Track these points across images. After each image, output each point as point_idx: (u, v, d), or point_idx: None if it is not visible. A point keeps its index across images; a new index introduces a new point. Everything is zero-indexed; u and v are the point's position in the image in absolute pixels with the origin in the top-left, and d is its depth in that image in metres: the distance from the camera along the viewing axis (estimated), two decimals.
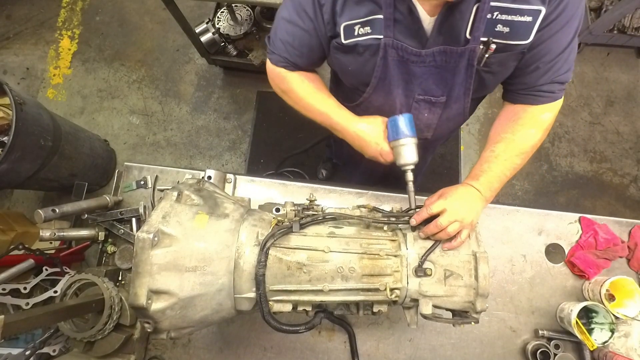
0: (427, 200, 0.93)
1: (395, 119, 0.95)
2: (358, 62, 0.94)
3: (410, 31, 0.86)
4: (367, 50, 0.91)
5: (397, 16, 0.84)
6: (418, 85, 0.98)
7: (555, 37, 0.85)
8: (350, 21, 0.87)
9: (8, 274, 1.14)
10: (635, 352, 1.15)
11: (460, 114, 1.10)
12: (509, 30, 0.82)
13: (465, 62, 0.89)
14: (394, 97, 1.02)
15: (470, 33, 0.83)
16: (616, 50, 2.87)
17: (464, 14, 0.81)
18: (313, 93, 1.05)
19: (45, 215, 1.05)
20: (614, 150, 2.71)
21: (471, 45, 0.85)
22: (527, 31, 0.82)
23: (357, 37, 0.88)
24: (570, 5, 0.81)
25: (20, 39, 2.83)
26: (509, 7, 0.79)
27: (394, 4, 0.83)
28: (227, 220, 0.87)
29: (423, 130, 1.13)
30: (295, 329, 0.86)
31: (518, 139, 0.94)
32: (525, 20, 0.80)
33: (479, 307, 0.86)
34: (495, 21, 0.81)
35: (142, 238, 0.74)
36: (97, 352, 1.03)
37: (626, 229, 1.32)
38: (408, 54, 0.89)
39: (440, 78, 0.95)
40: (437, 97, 1.00)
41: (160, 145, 2.65)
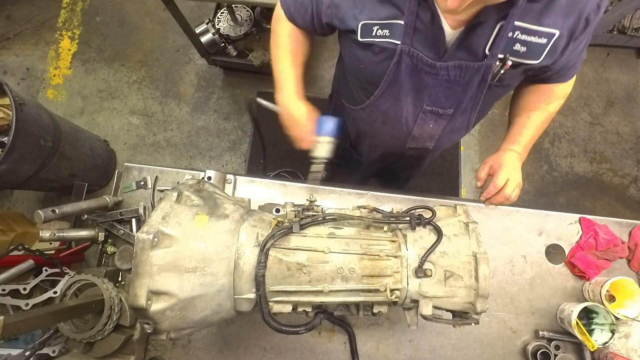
0: (479, 172, 1.04)
1: (327, 119, 1.07)
2: (372, 61, 0.94)
3: (428, 41, 0.85)
4: (382, 52, 0.90)
5: (418, 24, 0.83)
6: (427, 96, 0.97)
7: (579, 47, 0.91)
8: (369, 20, 0.86)
9: (8, 275, 1.14)
10: (635, 352, 1.15)
11: (464, 127, 1.12)
12: (525, 50, 0.83)
13: (479, 77, 0.89)
14: (402, 105, 1.01)
15: (489, 49, 0.83)
16: (616, 51, 2.87)
17: (487, 30, 0.81)
18: (286, 50, 1.06)
19: (45, 216, 1.05)
20: (614, 151, 2.71)
21: (488, 61, 0.85)
22: (539, 52, 0.84)
23: (374, 37, 0.87)
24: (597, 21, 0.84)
25: (21, 39, 2.83)
26: (529, 28, 0.80)
27: (417, 12, 0.82)
28: (227, 221, 0.87)
29: (426, 140, 1.13)
30: (295, 330, 0.86)
31: (551, 108, 1.06)
32: (541, 42, 0.81)
33: (479, 308, 0.86)
34: (515, 40, 0.82)
35: (142, 239, 0.74)
36: (96, 352, 1.03)
37: (626, 230, 1.31)
38: (422, 64, 0.88)
39: (451, 91, 0.95)
40: (445, 109, 1.00)
41: (160, 146, 2.64)
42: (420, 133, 1.09)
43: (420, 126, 1.05)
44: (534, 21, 0.80)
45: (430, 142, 1.15)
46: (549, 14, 0.79)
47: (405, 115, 1.04)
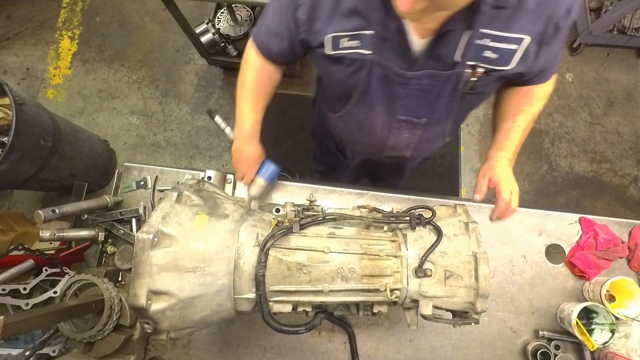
0: (479, 187, 1.00)
1: (270, 165, 1.20)
2: (343, 73, 0.93)
3: (398, 51, 0.84)
4: (353, 63, 0.89)
5: (386, 34, 0.82)
6: (401, 106, 0.97)
7: (554, 51, 0.90)
8: (337, 33, 0.85)
9: (8, 275, 1.14)
10: (635, 352, 1.15)
11: (441, 135, 1.11)
12: (495, 57, 0.82)
13: (451, 85, 0.88)
14: (375, 114, 1.01)
15: (458, 57, 0.83)
16: (616, 51, 2.87)
17: (455, 39, 0.80)
18: (250, 92, 1.08)
19: (45, 216, 1.05)
20: (614, 151, 2.71)
21: (458, 69, 0.84)
22: (511, 58, 0.83)
23: (343, 49, 0.86)
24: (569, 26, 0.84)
25: (21, 39, 2.83)
26: (498, 35, 0.79)
27: (384, 22, 0.81)
28: (227, 221, 0.87)
29: (402, 149, 1.13)
30: (295, 330, 0.86)
31: (534, 109, 1.05)
32: (511, 48, 0.81)
33: (479, 307, 0.86)
34: (484, 47, 0.81)
35: (142, 239, 0.74)
36: (96, 352, 1.03)
37: (626, 230, 1.32)
38: (393, 74, 0.88)
39: (424, 100, 0.94)
40: (419, 118, 0.99)
41: (160, 146, 2.64)
42: (396, 142, 1.09)
43: (395, 135, 1.05)
44: (502, 28, 0.79)
45: (407, 150, 1.14)
46: (516, 20, 0.78)
47: (380, 125, 1.04)
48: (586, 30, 2.67)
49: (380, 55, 0.85)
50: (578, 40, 2.76)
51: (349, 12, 0.81)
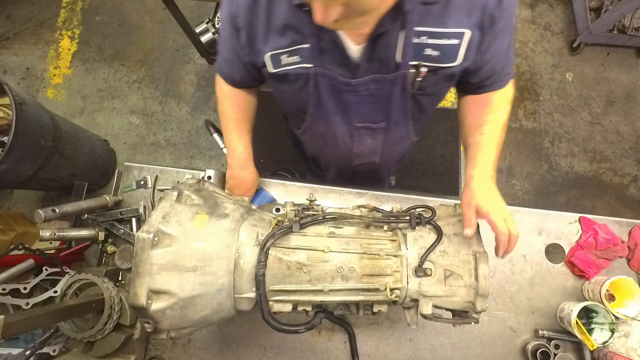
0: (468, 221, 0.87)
1: (264, 194, 1.25)
2: (292, 90, 0.92)
3: (338, 60, 0.83)
4: (298, 78, 0.88)
5: (323, 45, 0.81)
6: (355, 114, 0.96)
7: (500, 47, 0.88)
8: (275, 51, 0.84)
9: (8, 274, 1.14)
10: (635, 352, 1.15)
11: (405, 137, 1.09)
12: (438, 54, 0.81)
13: (398, 87, 0.87)
14: (333, 125, 1.00)
15: (399, 59, 0.81)
16: (616, 50, 2.87)
17: (391, 40, 0.79)
18: (232, 120, 1.08)
19: (45, 215, 1.05)
20: (614, 150, 2.71)
21: (402, 71, 0.83)
22: (455, 53, 0.82)
23: (285, 66, 0.86)
24: (508, 16, 0.82)
25: (20, 39, 2.83)
26: (434, 32, 0.78)
27: (319, 34, 0.79)
28: (227, 220, 0.87)
29: (369, 155, 1.12)
30: (295, 329, 0.86)
31: (500, 116, 0.98)
32: (452, 43, 0.80)
33: (479, 307, 0.86)
34: (424, 45, 0.80)
35: (142, 238, 0.74)
36: (97, 352, 1.03)
37: (626, 229, 1.32)
38: (339, 84, 0.87)
39: (377, 105, 0.93)
40: (376, 123, 0.98)
41: (160, 145, 2.64)
42: (361, 150, 1.07)
43: (358, 143, 1.04)
44: (437, 24, 0.78)
45: (375, 156, 1.13)
46: (450, 14, 0.77)
47: (341, 135, 1.03)
48: (586, 29, 2.66)
49: (323, 67, 0.84)
50: (578, 40, 2.76)
51: (283, 28, 0.81)
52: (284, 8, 0.78)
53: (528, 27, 2.92)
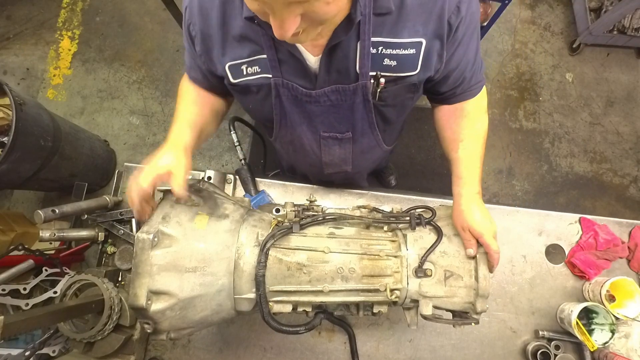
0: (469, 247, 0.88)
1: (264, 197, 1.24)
2: (256, 101, 0.91)
3: (297, 71, 0.82)
4: (261, 89, 0.87)
5: (280, 57, 0.80)
6: (320, 123, 0.94)
7: (466, 55, 0.87)
8: (234, 61, 0.83)
9: (8, 275, 1.14)
10: (635, 352, 1.15)
11: (375, 146, 1.06)
12: (396, 64, 0.80)
13: (359, 98, 0.85)
14: (300, 134, 0.98)
15: (358, 69, 0.80)
16: (616, 51, 2.87)
17: (347, 51, 0.78)
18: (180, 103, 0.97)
19: (45, 216, 1.05)
20: (614, 151, 2.71)
21: (361, 81, 0.82)
22: (414, 63, 0.81)
23: (246, 76, 0.84)
24: (473, 23, 0.81)
25: (20, 39, 2.83)
26: (390, 42, 0.77)
27: (275, 46, 0.78)
28: (227, 221, 0.87)
29: (340, 164, 1.10)
30: (295, 330, 0.86)
31: (477, 129, 0.97)
32: (410, 52, 0.79)
33: (479, 307, 0.86)
34: (382, 55, 0.79)
35: (142, 239, 0.74)
36: (96, 352, 1.03)
37: (626, 230, 1.32)
38: (300, 94, 0.85)
39: (340, 116, 0.91)
40: (342, 133, 0.96)
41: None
42: (330, 159, 1.05)
43: (326, 152, 1.02)
44: (392, 34, 0.77)
45: (346, 165, 1.11)
46: (404, 24, 0.76)
47: (308, 144, 1.01)
48: (586, 30, 2.67)
49: (282, 77, 0.82)
50: (578, 40, 2.76)
51: (239, 38, 0.79)
52: (239, 19, 0.77)
53: (528, 28, 2.92)
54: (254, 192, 1.27)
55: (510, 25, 2.91)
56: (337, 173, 1.17)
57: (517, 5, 2.95)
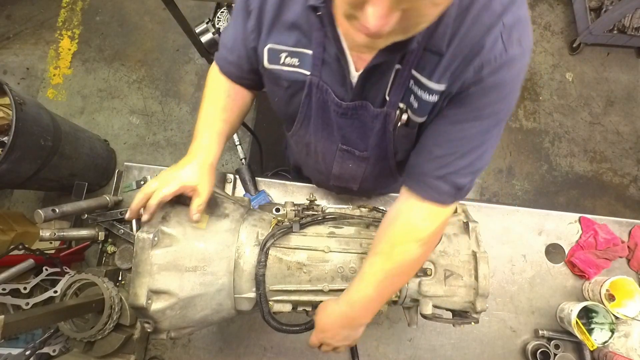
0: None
1: (265, 196, 1.25)
2: (284, 95, 0.87)
3: (337, 77, 0.77)
4: (291, 85, 0.82)
5: (326, 57, 0.75)
6: (341, 135, 0.89)
7: (461, 127, 0.72)
8: (276, 45, 0.78)
9: (8, 274, 1.14)
10: (635, 352, 1.15)
11: (389, 174, 1.00)
12: (417, 106, 0.74)
13: (379, 124, 0.80)
14: (318, 140, 0.94)
15: (387, 96, 0.75)
16: (616, 50, 2.87)
17: (386, 74, 0.73)
18: (209, 104, 0.92)
19: (45, 215, 1.05)
20: (614, 150, 2.71)
21: (387, 109, 0.77)
22: (426, 110, 0.74)
23: (282, 65, 0.80)
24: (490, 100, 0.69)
25: (20, 39, 2.83)
26: (422, 82, 0.71)
27: (324, 44, 0.73)
28: (227, 220, 0.87)
29: (348, 180, 1.05)
30: (295, 329, 0.86)
31: (396, 255, 0.77)
32: (432, 99, 0.72)
33: (479, 307, 0.86)
34: (411, 92, 0.73)
35: (142, 238, 0.74)
36: (97, 352, 1.03)
37: (626, 229, 1.32)
38: (331, 102, 0.81)
39: (362, 132, 0.86)
40: (360, 151, 0.91)
41: (160, 145, 2.64)
42: (340, 172, 1.01)
43: (339, 165, 0.98)
44: (427, 75, 0.70)
45: (353, 183, 1.06)
46: (439, 68, 0.69)
47: (323, 152, 0.97)
48: (586, 29, 2.66)
49: (320, 79, 0.79)
50: (578, 40, 2.76)
51: (290, 25, 0.75)
52: (299, 5, 0.73)
53: None
54: (254, 191, 1.27)
55: None
56: (342, 188, 1.13)
57: None
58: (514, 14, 0.64)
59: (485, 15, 0.63)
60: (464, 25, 0.64)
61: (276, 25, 0.77)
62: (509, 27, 0.64)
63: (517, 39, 0.65)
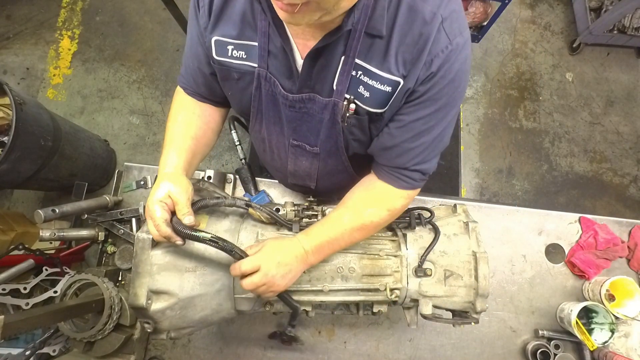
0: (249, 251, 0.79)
1: (264, 197, 1.24)
2: (236, 88, 0.86)
3: (284, 69, 0.77)
4: (242, 77, 0.82)
5: (271, 48, 0.75)
6: (292, 130, 0.88)
7: (425, 121, 0.77)
8: (222, 37, 0.78)
9: (8, 274, 1.14)
10: (635, 352, 1.16)
11: (343, 170, 0.98)
12: (368, 96, 0.75)
13: (328, 115, 0.80)
14: (271, 135, 0.94)
15: (335, 85, 0.76)
16: (616, 50, 2.87)
17: (330, 61, 0.74)
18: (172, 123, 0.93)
19: (45, 215, 1.05)
20: (614, 150, 2.71)
21: (335, 98, 0.77)
22: (385, 100, 0.75)
23: (230, 58, 0.80)
24: (445, 90, 0.73)
25: (20, 39, 2.83)
26: (370, 70, 0.72)
27: (269, 34, 0.73)
28: (227, 221, 0.87)
29: (304, 178, 1.04)
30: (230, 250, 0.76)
31: (367, 215, 0.84)
32: (385, 89, 0.73)
33: (479, 307, 0.86)
34: (359, 81, 0.74)
35: (142, 238, 0.75)
36: (97, 352, 1.03)
37: (626, 229, 1.32)
38: (278, 94, 0.81)
39: (312, 126, 0.85)
40: (310, 146, 0.90)
41: (160, 145, 2.64)
42: (295, 169, 1.01)
43: (293, 161, 0.98)
44: (376, 64, 0.71)
45: (309, 181, 1.05)
46: (389, 57, 0.70)
47: (277, 147, 0.97)
48: (586, 29, 2.66)
49: (268, 70, 0.79)
50: (578, 40, 2.76)
51: (237, 17, 0.76)
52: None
53: (528, 27, 2.92)
54: (254, 191, 1.27)
55: (511, 24, 2.91)
56: (300, 186, 1.12)
57: (517, 5, 2.95)
58: (447, 7, 0.67)
59: (419, 3, 0.66)
60: (400, 12, 0.67)
61: (223, 18, 0.77)
62: (447, 19, 0.67)
63: (457, 28, 0.69)
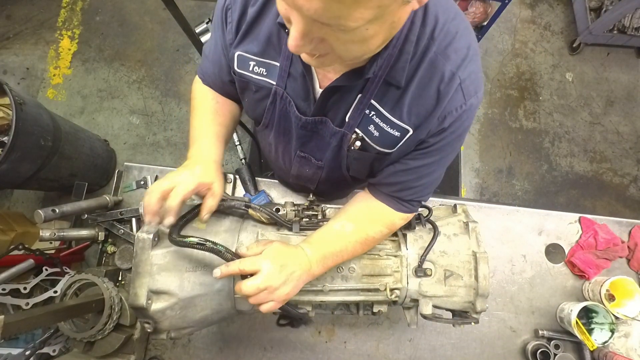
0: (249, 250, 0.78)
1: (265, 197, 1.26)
2: (251, 99, 0.90)
3: (301, 92, 0.81)
4: (259, 90, 0.86)
5: (292, 71, 0.79)
6: (300, 144, 0.92)
7: (429, 167, 0.83)
8: (245, 53, 0.82)
9: (8, 274, 1.14)
10: (635, 352, 1.16)
11: (343, 181, 1.00)
12: (378, 135, 0.79)
13: (336, 142, 0.84)
14: (279, 143, 0.98)
15: (347, 119, 0.80)
16: (616, 50, 2.87)
17: (347, 98, 0.77)
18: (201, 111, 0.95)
19: (45, 215, 1.05)
20: (614, 150, 2.71)
21: (345, 130, 0.81)
22: (393, 144, 0.79)
23: (250, 72, 0.84)
24: (452, 143, 0.79)
25: (20, 39, 2.83)
26: (382, 114, 0.76)
27: (292, 58, 0.77)
28: (227, 221, 0.87)
29: (306, 182, 1.08)
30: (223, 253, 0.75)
31: (370, 231, 0.86)
32: (394, 134, 0.77)
33: (479, 307, 0.86)
34: (370, 120, 0.78)
35: (142, 238, 0.74)
36: (97, 352, 1.03)
37: (626, 229, 1.32)
38: (292, 114, 0.84)
39: (320, 145, 0.90)
40: (316, 160, 0.94)
41: (160, 145, 2.64)
42: (298, 174, 1.04)
43: (297, 168, 1.01)
44: (389, 109, 0.76)
45: (311, 184, 1.08)
46: (402, 107, 0.74)
47: (283, 153, 1.01)
48: (586, 29, 2.67)
49: (285, 90, 0.82)
50: (578, 40, 2.76)
51: (262, 37, 0.79)
52: (271, 19, 0.76)
53: (528, 27, 2.92)
54: (254, 191, 1.27)
55: (510, 24, 2.91)
56: (301, 186, 1.15)
57: (517, 5, 2.95)
58: (467, 69, 0.70)
59: (441, 61, 0.69)
60: (422, 67, 0.70)
61: (249, 37, 0.81)
62: (466, 81, 0.71)
63: (473, 90, 0.72)
